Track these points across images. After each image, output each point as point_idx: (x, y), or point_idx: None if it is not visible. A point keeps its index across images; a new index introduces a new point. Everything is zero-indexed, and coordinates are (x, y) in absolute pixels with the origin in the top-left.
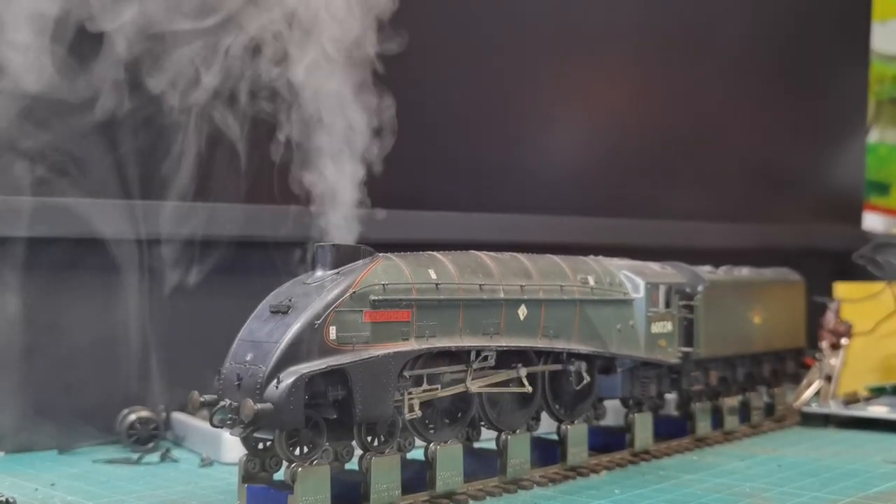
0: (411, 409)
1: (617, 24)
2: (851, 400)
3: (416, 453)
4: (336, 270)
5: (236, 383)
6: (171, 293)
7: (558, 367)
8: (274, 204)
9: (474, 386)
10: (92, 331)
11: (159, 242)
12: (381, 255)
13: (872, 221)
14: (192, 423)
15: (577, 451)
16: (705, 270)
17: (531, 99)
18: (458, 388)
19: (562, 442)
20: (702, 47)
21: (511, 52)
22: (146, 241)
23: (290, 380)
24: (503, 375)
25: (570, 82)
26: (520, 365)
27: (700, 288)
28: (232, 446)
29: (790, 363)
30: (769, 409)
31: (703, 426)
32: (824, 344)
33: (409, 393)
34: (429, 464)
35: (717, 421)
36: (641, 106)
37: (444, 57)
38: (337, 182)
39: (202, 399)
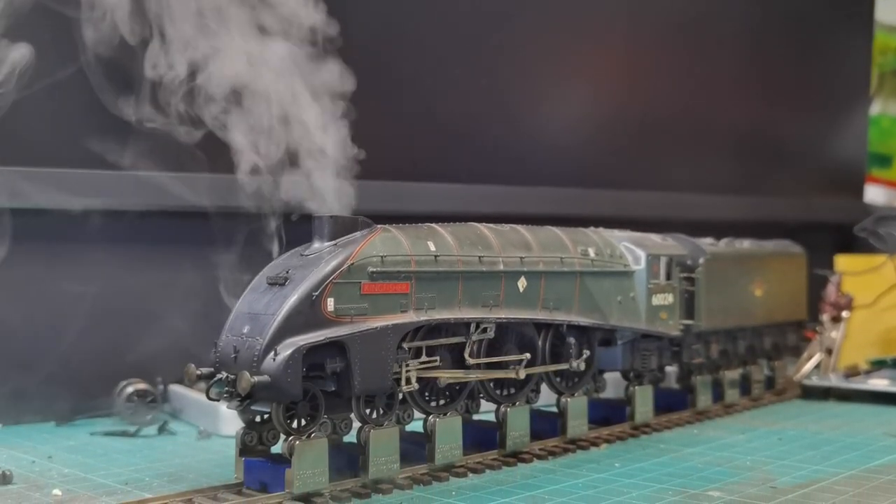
0: (408, 382)
1: None
2: (852, 373)
3: (415, 425)
4: (334, 242)
5: (233, 356)
6: (162, 264)
7: (562, 367)
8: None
9: (473, 375)
10: (88, 303)
11: (146, 214)
12: (379, 226)
13: (874, 194)
14: (190, 396)
15: (577, 423)
16: (706, 242)
17: (532, 71)
18: (457, 374)
19: (562, 415)
20: (703, 18)
21: (510, 24)
22: (134, 212)
23: (288, 352)
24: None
25: (569, 54)
26: (519, 367)
27: (701, 260)
28: (229, 419)
29: (791, 336)
30: (770, 382)
31: (704, 399)
32: (825, 317)
33: (407, 365)
34: (428, 436)
35: (718, 394)
36: (643, 77)
37: (444, 29)
38: (326, 150)
39: (199, 372)
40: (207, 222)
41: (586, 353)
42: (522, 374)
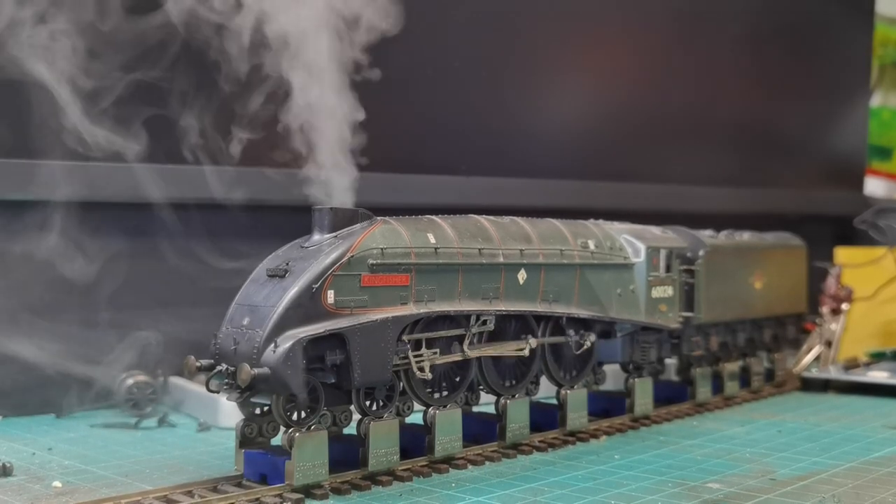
0: (422, 370)
1: None
2: (851, 365)
3: (415, 417)
4: (334, 234)
5: (233, 348)
6: (167, 256)
7: (563, 339)
8: (277, 167)
9: (473, 352)
10: (89, 294)
11: (153, 206)
12: (379, 218)
13: (874, 186)
14: (190, 388)
15: (577, 416)
16: (706, 235)
17: (533, 63)
18: (456, 357)
19: (561, 407)
20: (704, 10)
21: (513, 16)
22: (135, 203)
23: (288, 344)
24: (504, 346)
25: (571, 46)
26: (529, 336)
27: (701, 252)
28: (229, 411)
29: (791, 328)
30: (769, 375)
31: (704, 391)
32: (825, 309)
33: (420, 356)
34: (428, 428)
35: (718, 386)
36: (643, 69)
37: (444, 21)
38: (329, 143)
39: (198, 364)
40: (204, 213)
41: (587, 342)
42: (534, 343)
